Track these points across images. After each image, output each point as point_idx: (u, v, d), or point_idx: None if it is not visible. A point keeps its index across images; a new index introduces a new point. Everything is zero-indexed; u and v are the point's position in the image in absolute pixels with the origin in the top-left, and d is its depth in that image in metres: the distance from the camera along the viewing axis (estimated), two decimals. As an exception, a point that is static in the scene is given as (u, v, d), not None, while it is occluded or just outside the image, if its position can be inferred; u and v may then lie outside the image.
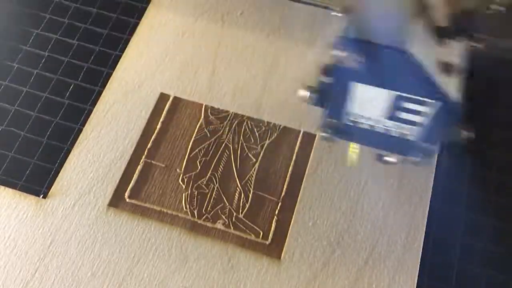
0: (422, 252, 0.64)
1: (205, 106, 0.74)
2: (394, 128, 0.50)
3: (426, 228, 0.65)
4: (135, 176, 0.69)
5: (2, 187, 0.69)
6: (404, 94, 0.47)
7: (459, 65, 0.46)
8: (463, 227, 0.66)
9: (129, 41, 0.79)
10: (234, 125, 0.72)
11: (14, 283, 0.62)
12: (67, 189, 0.68)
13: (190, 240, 0.65)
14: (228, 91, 0.74)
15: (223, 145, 0.71)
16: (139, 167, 0.69)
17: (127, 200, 0.67)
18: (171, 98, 0.74)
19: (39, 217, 0.66)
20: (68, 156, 0.70)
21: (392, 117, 0.50)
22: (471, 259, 0.64)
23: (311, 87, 0.51)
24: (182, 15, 0.80)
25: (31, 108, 0.74)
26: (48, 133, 0.72)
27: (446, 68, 0.45)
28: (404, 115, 0.49)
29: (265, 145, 0.71)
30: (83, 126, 0.72)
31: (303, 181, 0.68)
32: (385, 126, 0.51)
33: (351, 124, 0.52)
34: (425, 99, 0.47)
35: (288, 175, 0.69)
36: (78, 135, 0.72)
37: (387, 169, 0.68)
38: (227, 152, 0.70)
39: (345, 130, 0.53)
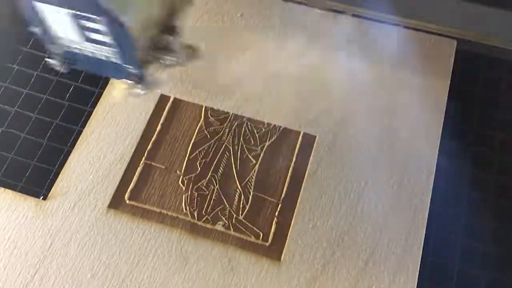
0: (422, 254, 0.64)
1: (205, 107, 0.74)
2: (95, 50, 0.51)
3: (426, 230, 0.65)
4: (135, 178, 0.69)
5: (2, 189, 0.69)
6: (77, 12, 0.47)
7: None
8: (464, 228, 0.66)
9: (129, 42, 0.79)
10: (234, 127, 0.72)
11: (14, 284, 0.62)
12: (67, 191, 0.68)
13: (190, 242, 0.65)
14: (228, 92, 0.74)
15: (223, 146, 0.71)
16: (139, 169, 0.69)
17: (127, 201, 0.67)
18: (171, 100, 0.74)
19: (38, 218, 0.66)
20: (68, 157, 0.70)
21: (87, 39, 0.50)
22: (471, 260, 0.64)
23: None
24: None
25: (31, 110, 0.74)
26: (48, 134, 0.72)
27: None
28: (92, 36, 0.49)
29: (265, 146, 0.71)
30: (83, 127, 0.72)
31: (303, 183, 0.68)
32: (88, 48, 0.51)
33: (68, 49, 0.52)
34: (94, 17, 0.47)
35: (288, 177, 0.69)
36: (78, 137, 0.72)
37: (387, 171, 0.68)
38: (227, 154, 0.70)
39: (68, 57, 0.53)
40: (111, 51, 0.51)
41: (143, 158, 0.70)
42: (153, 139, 0.71)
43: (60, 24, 0.49)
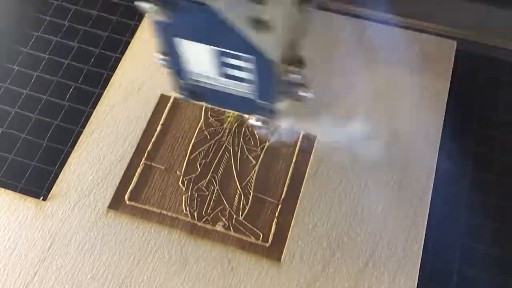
0: (422, 254, 0.64)
1: (205, 107, 0.73)
2: (230, 86, 0.51)
3: (426, 230, 0.65)
4: (135, 178, 0.69)
5: (2, 189, 0.69)
6: (221, 49, 0.47)
7: (272, 22, 0.45)
8: (464, 229, 0.66)
9: (129, 43, 0.79)
10: (234, 127, 0.72)
11: (14, 285, 0.62)
12: (67, 192, 0.68)
13: (190, 243, 0.65)
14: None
15: (223, 147, 0.71)
16: (139, 169, 0.69)
17: (127, 202, 0.67)
18: (171, 100, 0.74)
19: (39, 219, 0.66)
20: (68, 158, 0.70)
21: (224, 75, 0.50)
22: (471, 261, 0.64)
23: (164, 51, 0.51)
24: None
25: (31, 110, 0.74)
26: (48, 135, 0.73)
27: (259, 24, 0.44)
28: (231, 72, 0.49)
29: (265, 147, 0.71)
30: (83, 128, 0.72)
31: (303, 183, 0.68)
32: (223, 84, 0.51)
33: (197, 84, 0.52)
34: (241, 54, 0.46)
35: (288, 177, 0.69)
36: (78, 137, 0.72)
37: (387, 171, 0.68)
38: (227, 154, 0.70)
39: (195, 91, 0.53)
40: (248, 87, 0.50)
41: (143, 159, 0.70)
42: (153, 139, 0.71)
43: (199, 60, 0.49)
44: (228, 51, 0.47)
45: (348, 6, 0.80)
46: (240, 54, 0.47)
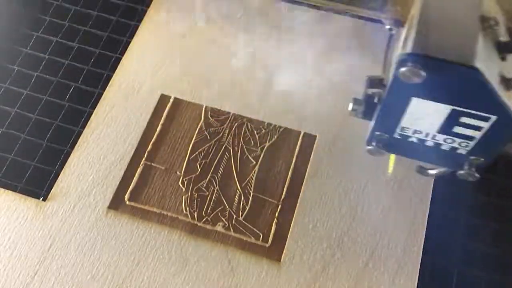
0: (422, 254, 0.64)
1: (205, 108, 0.73)
2: (445, 142, 0.49)
3: (426, 231, 0.65)
4: (135, 179, 0.69)
5: (2, 190, 0.69)
6: (464, 109, 0.45)
7: None
8: (463, 229, 0.65)
9: (129, 43, 0.79)
10: (234, 127, 0.72)
11: (14, 285, 0.62)
12: (67, 192, 0.68)
13: (190, 243, 0.65)
14: (228, 93, 0.74)
15: (223, 147, 0.71)
16: (139, 170, 0.69)
17: (127, 202, 0.67)
18: (171, 100, 0.74)
19: (39, 219, 0.66)
20: (68, 158, 0.70)
21: (445, 131, 0.48)
22: (471, 261, 0.64)
23: (357, 99, 0.50)
24: (182, 18, 0.80)
25: (31, 111, 0.74)
26: (48, 135, 0.72)
27: (507, 83, 0.44)
28: (459, 130, 0.48)
29: (265, 147, 0.71)
30: (83, 128, 0.72)
31: (303, 184, 0.68)
32: (436, 139, 0.50)
33: (399, 137, 0.51)
34: (486, 114, 0.45)
35: (288, 178, 0.69)
36: (78, 138, 0.72)
37: (387, 171, 0.68)
38: (227, 155, 0.70)
39: (393, 143, 0.51)
40: (466, 143, 0.49)
41: (143, 159, 0.70)
42: (153, 140, 0.71)
43: (425, 117, 0.47)
44: (467, 110, 0.45)
45: (348, 6, 0.80)
46: (480, 113, 0.45)
